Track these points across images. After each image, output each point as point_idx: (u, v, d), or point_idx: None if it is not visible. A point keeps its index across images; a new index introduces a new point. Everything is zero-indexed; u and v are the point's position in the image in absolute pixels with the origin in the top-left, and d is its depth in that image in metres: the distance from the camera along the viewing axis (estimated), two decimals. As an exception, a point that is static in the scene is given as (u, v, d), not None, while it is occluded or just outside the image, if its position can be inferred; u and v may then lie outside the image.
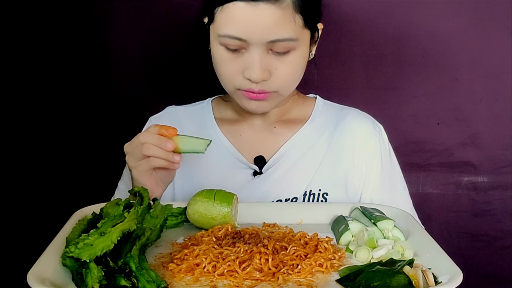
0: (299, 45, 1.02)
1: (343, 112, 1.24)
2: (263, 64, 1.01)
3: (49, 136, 1.57)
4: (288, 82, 1.07)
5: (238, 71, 1.03)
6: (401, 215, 0.98)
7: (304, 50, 1.05)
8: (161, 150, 0.97)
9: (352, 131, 1.20)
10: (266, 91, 1.04)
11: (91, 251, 0.73)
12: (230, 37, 0.99)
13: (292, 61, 1.03)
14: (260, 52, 1.00)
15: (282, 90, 1.07)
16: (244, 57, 1.01)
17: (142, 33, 1.53)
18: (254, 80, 1.01)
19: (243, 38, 0.98)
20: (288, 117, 1.22)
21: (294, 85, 1.11)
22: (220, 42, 1.02)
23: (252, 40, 0.98)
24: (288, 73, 1.04)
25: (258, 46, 0.99)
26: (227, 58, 1.03)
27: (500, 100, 1.53)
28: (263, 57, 1.00)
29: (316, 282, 0.77)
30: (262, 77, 1.01)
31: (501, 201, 1.58)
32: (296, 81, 1.10)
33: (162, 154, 0.97)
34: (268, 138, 1.20)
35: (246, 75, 1.02)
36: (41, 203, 1.58)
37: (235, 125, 1.22)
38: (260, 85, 1.03)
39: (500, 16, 1.49)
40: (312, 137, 1.19)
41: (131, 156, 1.01)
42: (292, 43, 1.01)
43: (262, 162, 1.17)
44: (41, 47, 1.53)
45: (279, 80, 1.04)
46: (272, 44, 0.99)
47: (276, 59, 1.02)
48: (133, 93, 1.57)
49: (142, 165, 0.99)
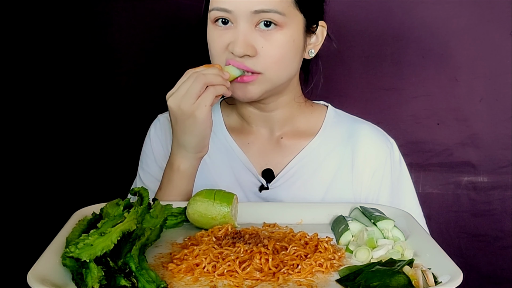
0: (287, 24, 1.01)
1: (356, 125, 1.19)
2: (248, 39, 1.00)
3: (49, 136, 1.57)
4: (276, 64, 1.03)
5: (225, 45, 1.02)
6: (401, 215, 0.97)
7: (294, 33, 1.03)
8: (218, 76, 0.97)
9: (364, 149, 1.15)
10: (249, 68, 1.01)
11: (91, 251, 0.73)
12: (218, 9, 1.01)
13: (279, 40, 1.01)
14: (245, 26, 1.00)
15: (269, 72, 1.03)
16: (231, 33, 1.01)
17: (142, 33, 1.53)
18: (237, 53, 1.00)
19: (228, 9, 1.00)
20: (297, 128, 1.17)
21: (285, 71, 1.06)
22: (211, 18, 1.03)
23: (237, 11, 0.99)
24: (274, 53, 1.02)
25: (244, 19, 0.99)
26: (216, 35, 1.03)
27: (500, 100, 1.53)
28: (248, 31, 1.00)
29: (316, 282, 0.77)
30: (245, 51, 1.00)
31: (501, 201, 1.58)
32: (287, 65, 1.05)
33: (221, 79, 0.97)
34: (276, 150, 1.16)
35: (229, 48, 1.01)
36: (41, 203, 1.58)
37: (243, 133, 1.18)
38: (244, 61, 1.01)
39: (500, 16, 1.49)
40: (322, 152, 1.15)
41: (188, 98, 0.96)
42: (279, 17, 1.00)
43: (270, 176, 1.14)
44: (41, 46, 1.53)
45: (266, 58, 1.01)
46: (257, 15, 0.99)
47: (261, 36, 1.01)
48: (134, 93, 1.57)
49: (205, 97, 0.96)
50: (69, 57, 1.54)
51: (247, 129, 1.18)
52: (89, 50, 1.54)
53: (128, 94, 1.57)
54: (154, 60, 1.55)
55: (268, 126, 1.17)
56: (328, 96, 1.28)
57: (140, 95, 1.57)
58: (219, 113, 1.21)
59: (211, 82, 0.97)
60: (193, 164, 1.05)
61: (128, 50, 1.54)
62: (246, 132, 1.18)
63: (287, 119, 1.16)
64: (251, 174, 1.14)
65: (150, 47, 1.54)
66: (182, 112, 0.97)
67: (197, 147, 1.03)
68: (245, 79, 1.03)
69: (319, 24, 1.10)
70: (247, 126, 1.18)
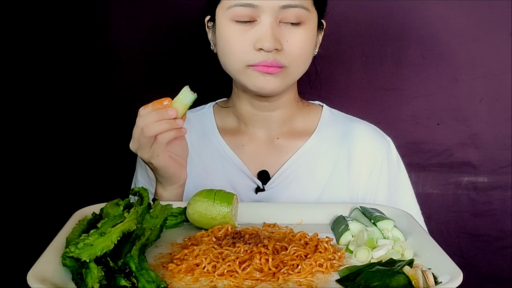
0: (309, 20, 1.03)
1: (351, 125, 1.19)
2: (275, 33, 1.00)
3: (49, 136, 1.57)
4: (299, 59, 1.04)
5: (249, 44, 1.01)
6: (401, 215, 0.97)
7: (313, 29, 1.05)
8: (163, 122, 0.94)
9: (361, 148, 1.15)
10: (280, 64, 1.01)
11: (91, 251, 0.73)
12: (241, 5, 0.99)
13: (303, 35, 1.03)
14: (271, 21, 0.99)
15: (292, 67, 1.04)
16: (255, 29, 1.00)
17: (142, 33, 1.53)
18: (267, 48, 0.99)
19: (254, 5, 0.99)
20: (293, 127, 1.17)
21: (304, 65, 1.07)
22: (231, 15, 1.01)
23: (264, 5, 0.98)
24: (299, 47, 1.03)
25: (269, 13, 0.99)
26: (237, 32, 1.01)
27: (500, 100, 1.53)
28: (274, 26, 1.00)
29: (316, 282, 0.77)
30: (275, 45, 0.99)
31: (501, 201, 1.58)
32: (306, 60, 1.07)
33: (167, 125, 0.94)
34: (271, 151, 1.16)
35: (258, 46, 1.00)
36: (41, 203, 1.58)
37: (237, 135, 1.17)
38: (273, 55, 1.00)
39: (500, 16, 1.49)
40: (317, 152, 1.15)
41: (142, 149, 0.97)
42: (304, 13, 1.01)
43: (266, 177, 1.14)
44: (41, 47, 1.53)
45: (290, 53, 1.02)
46: (284, 11, 0.99)
47: (286, 30, 1.01)
48: (133, 94, 1.57)
49: (155, 148, 0.95)
50: (69, 57, 1.54)
51: (242, 130, 1.17)
52: (89, 50, 1.54)
53: (128, 94, 1.57)
54: (154, 60, 1.55)
55: (266, 126, 1.16)
56: (328, 96, 1.29)
57: (140, 95, 1.56)
58: (212, 117, 1.20)
59: (159, 132, 0.94)
60: (174, 192, 1.06)
61: (128, 50, 1.54)
62: (240, 134, 1.17)
63: (286, 119, 1.16)
64: (246, 177, 1.14)
65: (150, 47, 1.54)
66: (142, 158, 0.99)
67: (169, 182, 1.04)
68: (271, 70, 1.01)
69: (323, 22, 1.11)
70: (243, 128, 1.17)
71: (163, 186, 1.05)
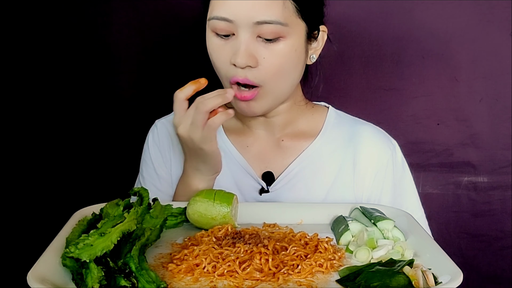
0: (289, 34, 0.98)
1: (357, 127, 1.17)
2: (250, 49, 0.97)
3: (49, 136, 1.58)
4: (275, 76, 1.00)
5: (228, 58, 0.99)
6: (401, 215, 0.97)
7: (296, 42, 1.00)
8: (217, 96, 0.97)
9: (366, 150, 1.14)
10: (250, 81, 0.99)
11: (91, 251, 0.73)
12: (218, 19, 0.97)
13: (281, 50, 0.99)
14: (247, 36, 0.97)
15: (269, 85, 1.01)
16: (232, 44, 0.99)
17: (142, 33, 1.53)
18: (239, 64, 0.97)
19: (229, 19, 0.96)
20: (297, 129, 1.16)
21: (285, 83, 1.04)
22: (211, 27, 1.00)
23: (239, 21, 0.96)
24: (276, 64, 0.99)
25: (245, 29, 0.96)
26: (218, 45, 1.00)
27: (500, 100, 1.53)
28: (250, 42, 0.97)
29: (316, 282, 0.77)
30: (247, 62, 0.97)
31: (501, 201, 1.58)
32: (287, 76, 1.03)
33: (220, 99, 0.97)
34: (276, 152, 1.15)
35: (232, 60, 0.98)
36: (41, 203, 1.59)
37: (242, 136, 1.17)
38: (245, 73, 0.98)
39: (500, 16, 1.49)
40: (323, 154, 1.14)
41: (194, 130, 0.97)
42: (281, 28, 0.97)
43: (271, 179, 1.13)
44: (41, 47, 1.53)
45: (266, 70, 0.99)
46: (259, 27, 0.96)
47: (264, 47, 0.98)
48: (133, 93, 1.57)
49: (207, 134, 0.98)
50: (69, 57, 1.54)
51: (246, 131, 1.17)
52: (89, 50, 1.54)
53: (128, 94, 1.57)
54: (154, 60, 1.55)
55: (268, 129, 1.16)
56: (328, 97, 1.28)
57: (140, 95, 1.57)
58: None
59: (213, 106, 0.97)
60: (210, 184, 1.08)
61: (128, 50, 1.54)
62: (245, 135, 1.17)
63: (288, 123, 1.15)
64: (251, 177, 1.14)
65: (150, 47, 1.54)
66: (193, 142, 0.99)
67: (211, 170, 1.06)
68: (247, 96, 1.01)
69: (320, 29, 1.08)
70: (247, 129, 1.17)
71: (203, 177, 1.06)
